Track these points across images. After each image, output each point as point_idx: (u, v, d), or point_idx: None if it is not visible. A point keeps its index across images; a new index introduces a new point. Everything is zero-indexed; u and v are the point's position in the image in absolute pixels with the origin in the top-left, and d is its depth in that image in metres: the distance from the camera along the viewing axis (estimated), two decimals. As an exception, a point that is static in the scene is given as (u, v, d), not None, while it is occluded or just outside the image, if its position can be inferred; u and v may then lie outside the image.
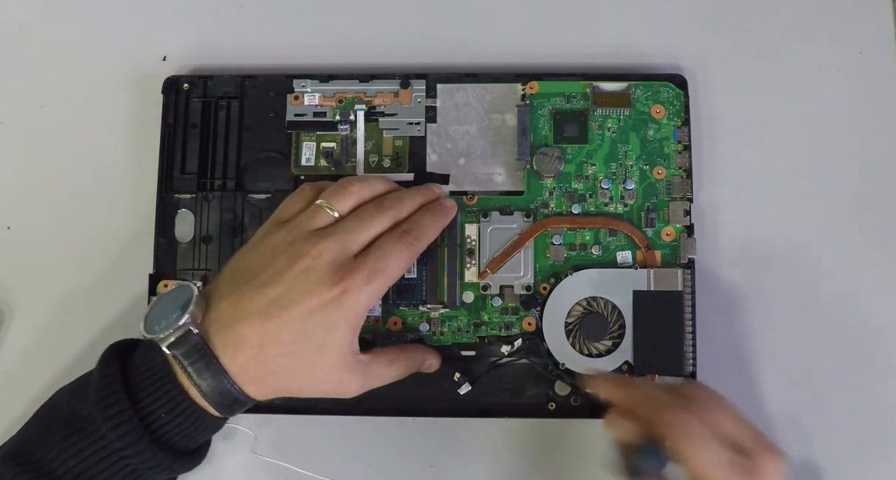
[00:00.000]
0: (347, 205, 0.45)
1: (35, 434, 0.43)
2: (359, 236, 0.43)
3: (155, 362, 0.42)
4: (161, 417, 0.41)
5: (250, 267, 0.43)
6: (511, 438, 0.48)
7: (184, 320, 0.41)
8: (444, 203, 0.48)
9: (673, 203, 0.50)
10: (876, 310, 0.51)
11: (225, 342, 0.41)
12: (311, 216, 0.44)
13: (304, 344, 0.42)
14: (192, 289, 0.43)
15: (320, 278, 0.42)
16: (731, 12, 0.54)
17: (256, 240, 0.45)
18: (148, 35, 0.55)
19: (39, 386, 0.51)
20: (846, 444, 0.49)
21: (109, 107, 0.54)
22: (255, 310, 0.41)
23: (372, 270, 0.42)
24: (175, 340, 0.41)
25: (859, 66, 0.53)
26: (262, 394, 0.43)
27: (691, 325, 0.48)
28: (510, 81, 0.52)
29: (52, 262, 0.53)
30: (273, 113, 0.52)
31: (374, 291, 0.43)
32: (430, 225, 0.46)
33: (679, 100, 0.51)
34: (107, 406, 0.41)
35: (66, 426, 0.42)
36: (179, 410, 0.42)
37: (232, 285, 0.43)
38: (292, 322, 0.41)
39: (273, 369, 0.42)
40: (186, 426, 0.42)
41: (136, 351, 0.44)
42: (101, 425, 0.41)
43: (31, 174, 0.54)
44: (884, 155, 0.52)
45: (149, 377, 0.42)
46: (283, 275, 0.42)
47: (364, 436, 0.50)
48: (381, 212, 0.45)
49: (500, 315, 0.50)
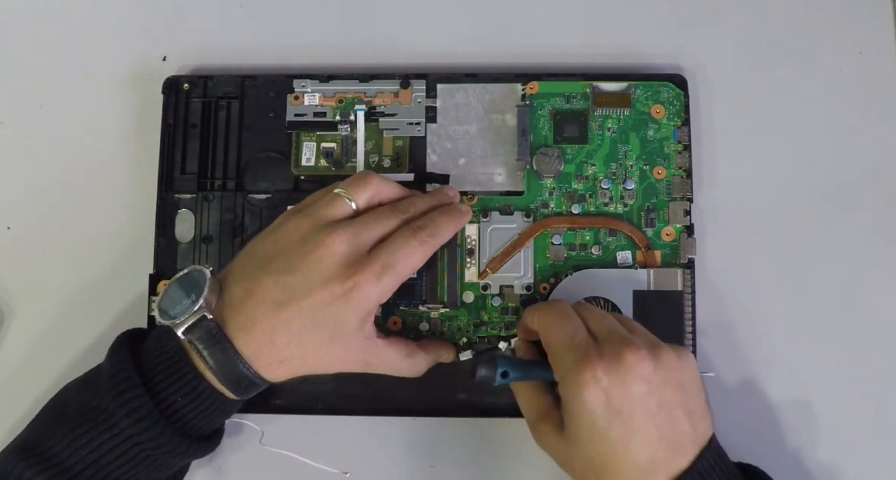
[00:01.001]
0: (365, 196, 0.45)
1: (44, 428, 0.43)
2: (373, 230, 0.44)
3: (168, 347, 0.42)
4: (177, 401, 0.42)
5: (265, 252, 0.43)
6: (511, 438, 0.48)
7: (199, 305, 0.41)
8: (460, 207, 0.48)
9: (673, 203, 0.50)
10: (876, 309, 0.51)
11: (239, 326, 0.42)
12: (328, 203, 0.44)
13: (314, 334, 0.42)
14: (204, 273, 0.43)
15: (333, 271, 0.42)
16: (731, 12, 0.54)
17: (275, 226, 0.45)
18: (148, 35, 0.55)
19: (40, 386, 0.51)
20: (847, 442, 0.49)
21: (109, 107, 0.54)
22: (268, 297, 0.42)
23: (384, 265, 0.43)
24: (190, 325, 0.41)
25: (859, 66, 0.53)
26: (276, 377, 0.43)
27: (691, 325, 0.48)
28: (510, 81, 0.52)
29: (52, 262, 0.53)
30: (273, 113, 0.52)
31: (385, 287, 0.43)
32: (445, 225, 0.46)
33: (679, 100, 0.51)
34: (120, 392, 0.41)
35: (76, 417, 0.42)
36: (196, 393, 0.42)
37: (246, 269, 0.43)
38: (302, 313, 0.42)
39: (284, 356, 0.42)
40: (203, 409, 0.42)
41: (147, 338, 0.44)
42: (114, 412, 0.41)
43: (31, 174, 0.54)
44: (883, 155, 0.52)
45: (163, 362, 0.42)
46: (296, 264, 0.42)
47: (364, 436, 0.50)
48: (396, 212, 0.45)
49: (500, 315, 0.50)
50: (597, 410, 0.40)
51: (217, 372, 0.42)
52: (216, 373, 0.42)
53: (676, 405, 0.41)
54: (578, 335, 0.42)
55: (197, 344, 0.41)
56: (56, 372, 0.51)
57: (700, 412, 0.42)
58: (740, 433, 0.49)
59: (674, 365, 0.41)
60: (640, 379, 0.40)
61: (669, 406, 0.40)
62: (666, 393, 0.40)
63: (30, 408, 0.49)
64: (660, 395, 0.40)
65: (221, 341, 0.41)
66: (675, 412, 0.40)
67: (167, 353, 0.42)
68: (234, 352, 0.42)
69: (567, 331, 0.42)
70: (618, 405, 0.40)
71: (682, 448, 0.40)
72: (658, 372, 0.40)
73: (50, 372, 0.51)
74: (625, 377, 0.40)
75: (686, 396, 0.41)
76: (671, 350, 0.42)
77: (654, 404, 0.40)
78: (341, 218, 0.44)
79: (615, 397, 0.40)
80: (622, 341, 0.41)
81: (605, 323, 0.43)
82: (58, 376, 0.51)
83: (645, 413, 0.40)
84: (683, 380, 0.41)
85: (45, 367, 0.51)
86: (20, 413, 0.49)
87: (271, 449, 0.48)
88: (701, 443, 0.41)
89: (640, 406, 0.40)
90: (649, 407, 0.40)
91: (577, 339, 0.42)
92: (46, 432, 0.42)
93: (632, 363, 0.40)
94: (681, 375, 0.41)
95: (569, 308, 0.44)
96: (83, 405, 0.42)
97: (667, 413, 0.40)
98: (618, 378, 0.40)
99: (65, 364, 0.51)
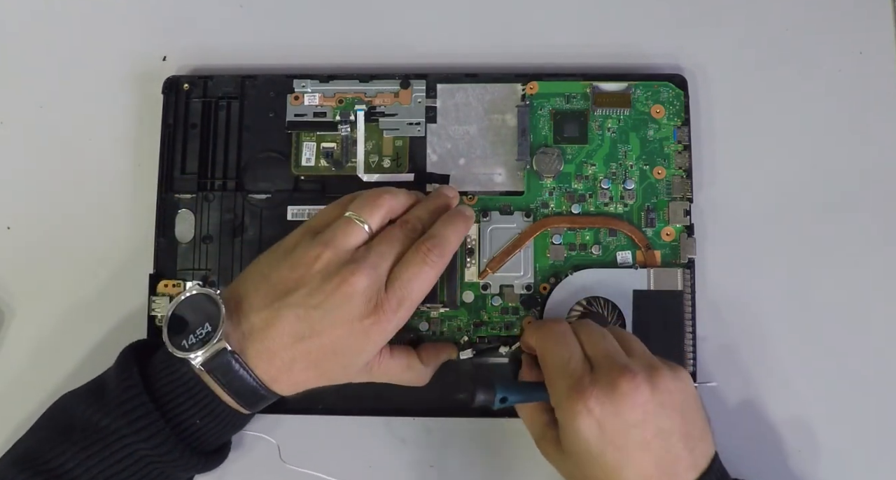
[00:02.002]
0: (378, 219, 0.45)
1: (48, 442, 0.42)
2: (388, 259, 0.44)
3: (183, 372, 0.42)
4: (195, 423, 0.42)
5: (283, 280, 0.43)
6: (511, 438, 0.48)
7: (217, 339, 0.41)
8: (463, 211, 0.47)
9: (673, 203, 0.50)
10: (876, 308, 0.51)
11: (258, 355, 0.42)
12: (345, 232, 0.44)
13: (332, 361, 0.43)
14: (217, 302, 0.42)
15: (355, 308, 0.42)
16: (731, 12, 0.54)
17: (288, 247, 0.45)
18: (148, 35, 0.55)
19: (40, 386, 0.50)
20: (849, 443, 0.49)
21: (109, 107, 0.54)
22: (289, 330, 0.42)
23: (400, 299, 0.43)
24: (208, 358, 0.41)
25: (859, 66, 0.53)
26: (290, 393, 0.44)
27: (691, 325, 0.48)
28: (510, 81, 0.52)
29: (52, 262, 0.53)
30: (273, 113, 0.52)
31: (402, 318, 0.44)
32: (453, 237, 0.46)
33: (679, 100, 0.51)
34: (135, 419, 0.41)
35: (86, 435, 0.42)
36: (214, 415, 0.43)
37: (264, 297, 0.43)
38: (323, 346, 0.42)
39: (300, 380, 0.44)
40: (220, 427, 0.43)
41: (156, 357, 0.44)
42: (128, 436, 0.41)
43: (31, 174, 0.54)
44: (883, 155, 0.52)
45: (179, 387, 0.42)
46: (320, 301, 0.42)
47: (364, 436, 0.50)
48: (405, 231, 0.45)
49: (500, 314, 0.50)
50: (590, 439, 0.40)
51: (235, 395, 0.42)
52: (234, 396, 0.42)
53: (673, 431, 0.40)
54: (573, 360, 0.42)
55: (216, 373, 0.42)
56: (57, 372, 0.51)
57: (698, 434, 0.41)
58: (740, 432, 0.49)
59: (671, 389, 0.41)
60: (634, 408, 0.40)
61: (665, 433, 0.40)
62: (662, 419, 0.40)
63: (31, 407, 0.49)
64: (656, 423, 0.40)
65: (241, 370, 0.42)
66: (671, 439, 0.40)
67: (182, 379, 0.42)
68: (255, 379, 0.42)
69: (562, 356, 0.42)
70: (611, 434, 0.40)
71: (677, 475, 0.40)
72: (655, 398, 0.40)
73: (50, 372, 0.51)
74: (619, 406, 0.40)
75: (684, 420, 0.41)
76: (668, 372, 0.41)
77: (649, 433, 0.40)
78: (359, 245, 0.44)
79: (608, 426, 0.40)
80: (618, 368, 0.41)
81: (602, 347, 0.42)
82: (58, 376, 0.51)
83: (639, 442, 0.40)
84: (681, 404, 0.41)
85: (46, 367, 0.51)
86: (21, 411, 0.49)
87: (290, 467, 0.49)
88: (700, 467, 0.41)
89: (635, 435, 0.40)
90: (644, 436, 0.40)
91: (571, 365, 0.42)
92: (52, 447, 0.42)
93: (627, 391, 0.40)
94: (679, 399, 0.41)
95: (566, 330, 0.44)
96: (91, 423, 0.42)
97: (662, 441, 0.40)
98: (611, 407, 0.40)
99: (65, 364, 0.51)
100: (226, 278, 0.51)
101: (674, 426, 0.40)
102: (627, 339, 0.44)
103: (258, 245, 0.51)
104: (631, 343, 0.44)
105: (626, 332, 0.46)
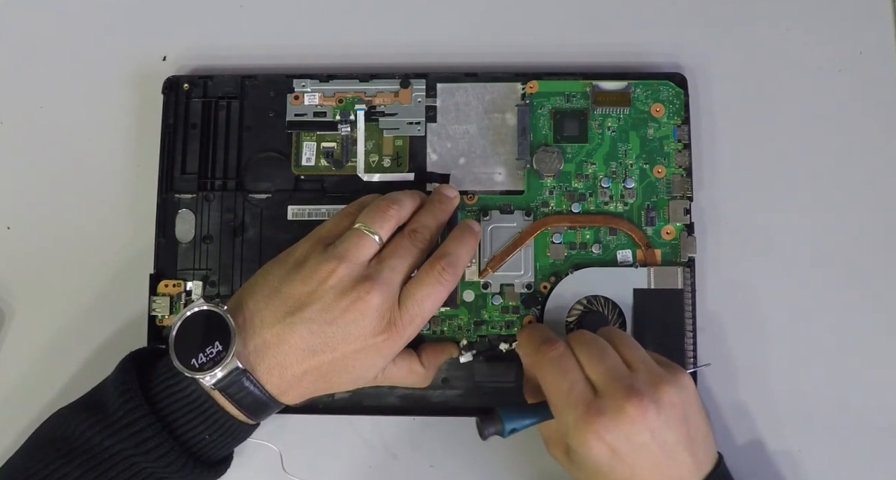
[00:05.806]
0: (387, 229, 0.45)
1: (45, 464, 0.41)
2: (402, 275, 0.44)
3: (191, 390, 0.42)
4: (205, 438, 0.42)
5: (295, 295, 0.43)
6: (511, 438, 0.47)
7: (229, 359, 0.41)
8: (472, 227, 0.47)
9: (673, 201, 0.50)
10: (876, 307, 0.51)
11: (268, 369, 0.42)
12: (357, 244, 0.44)
13: (342, 374, 0.44)
14: (226, 320, 0.42)
15: (369, 325, 0.42)
16: (731, 12, 0.54)
17: (298, 259, 0.44)
18: (148, 35, 0.55)
19: (39, 386, 0.50)
20: (850, 442, 0.49)
21: (109, 107, 0.54)
22: (302, 344, 0.42)
23: (413, 316, 0.44)
24: (220, 378, 0.41)
25: (859, 66, 0.53)
26: (294, 403, 0.44)
27: (691, 323, 0.48)
28: (510, 81, 0.52)
29: (52, 262, 0.53)
30: (273, 113, 0.52)
31: (412, 333, 0.44)
32: (465, 255, 0.46)
33: (679, 98, 0.51)
34: (143, 440, 0.41)
35: (89, 457, 0.41)
36: (224, 429, 0.43)
37: (275, 312, 0.43)
38: (335, 360, 0.43)
39: (307, 391, 0.44)
40: (228, 440, 0.43)
41: (158, 370, 0.43)
42: (135, 457, 0.41)
43: (31, 174, 0.54)
44: (884, 155, 0.52)
45: (187, 405, 0.42)
46: (334, 316, 0.42)
47: (364, 436, 0.50)
48: (415, 243, 0.45)
49: (500, 313, 0.50)
50: (601, 460, 0.41)
51: (244, 409, 0.42)
52: (243, 410, 0.42)
53: (678, 441, 0.41)
54: (577, 388, 0.42)
55: (227, 391, 0.42)
56: (57, 372, 0.51)
57: (702, 437, 0.42)
58: (739, 432, 0.49)
59: (675, 402, 0.41)
60: (643, 431, 0.40)
61: (671, 444, 0.41)
62: (667, 433, 0.41)
63: (31, 407, 0.49)
64: (662, 438, 0.41)
65: (254, 386, 0.42)
66: (676, 449, 0.41)
67: (191, 397, 0.42)
68: (265, 394, 0.42)
69: (564, 386, 0.42)
70: (621, 454, 0.40)
71: (682, 479, 0.41)
72: (661, 415, 0.41)
73: (50, 372, 0.51)
74: (628, 431, 0.40)
75: (688, 428, 0.41)
76: (671, 385, 0.41)
77: (656, 448, 0.41)
78: (370, 257, 0.44)
79: (619, 449, 0.40)
80: (623, 391, 0.41)
81: (604, 367, 0.42)
82: (57, 376, 0.51)
83: (647, 457, 0.41)
84: (684, 413, 0.42)
85: (47, 367, 0.51)
86: (21, 411, 0.49)
87: (292, 478, 0.49)
88: (704, 470, 0.42)
89: (644, 452, 0.41)
90: (652, 452, 0.41)
91: (575, 393, 0.42)
92: (51, 470, 0.41)
93: (635, 416, 0.40)
94: (681, 411, 0.41)
95: (563, 354, 0.43)
96: (93, 444, 0.41)
97: (669, 453, 0.41)
98: (621, 433, 0.40)
99: (66, 364, 0.51)
100: (226, 278, 0.51)
101: (678, 436, 0.41)
102: (625, 345, 0.44)
103: (258, 245, 0.51)
104: (629, 350, 0.44)
105: (622, 334, 0.45)
